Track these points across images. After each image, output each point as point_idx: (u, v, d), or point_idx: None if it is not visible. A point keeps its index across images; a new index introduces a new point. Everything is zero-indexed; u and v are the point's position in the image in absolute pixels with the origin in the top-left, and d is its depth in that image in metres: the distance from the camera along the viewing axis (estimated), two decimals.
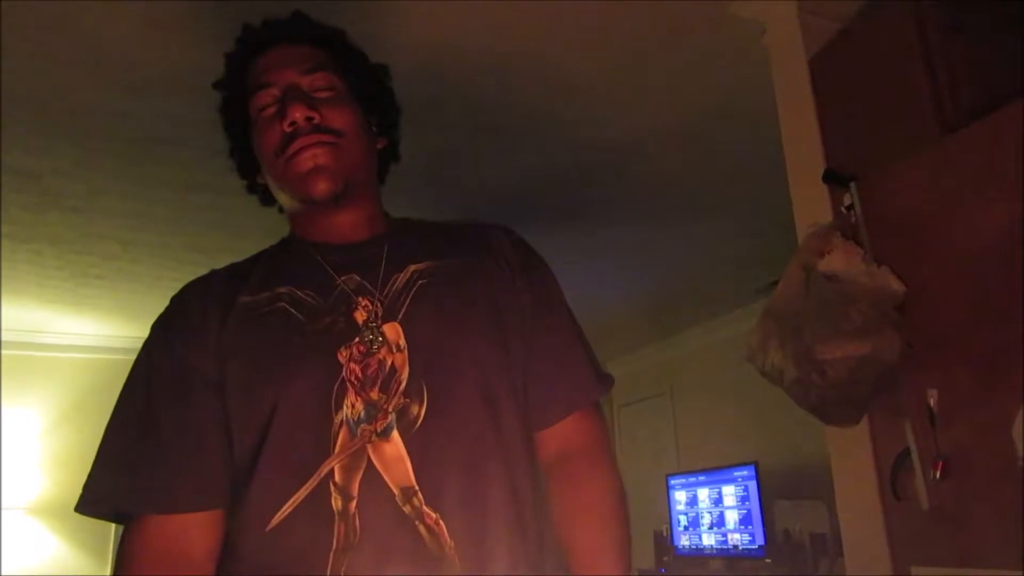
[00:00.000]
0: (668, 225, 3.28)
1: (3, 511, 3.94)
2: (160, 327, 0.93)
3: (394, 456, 0.81)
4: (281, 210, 1.04)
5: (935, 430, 1.35)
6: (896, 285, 1.41)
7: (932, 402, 1.37)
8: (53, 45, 1.87)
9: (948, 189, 1.37)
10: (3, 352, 4.27)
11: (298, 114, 0.90)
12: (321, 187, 0.91)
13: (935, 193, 1.39)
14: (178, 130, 2.27)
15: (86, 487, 0.86)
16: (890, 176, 1.48)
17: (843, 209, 1.55)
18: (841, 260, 1.45)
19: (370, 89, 1.02)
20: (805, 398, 1.48)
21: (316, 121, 0.91)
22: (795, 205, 1.76)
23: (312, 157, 0.90)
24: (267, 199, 1.04)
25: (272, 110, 0.93)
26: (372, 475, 0.80)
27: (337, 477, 0.80)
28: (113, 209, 2.85)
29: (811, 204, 1.68)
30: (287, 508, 0.80)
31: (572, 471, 0.96)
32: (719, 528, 3.98)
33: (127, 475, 0.84)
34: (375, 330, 0.86)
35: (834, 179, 1.58)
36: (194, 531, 0.83)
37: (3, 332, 4.21)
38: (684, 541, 4.24)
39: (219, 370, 0.86)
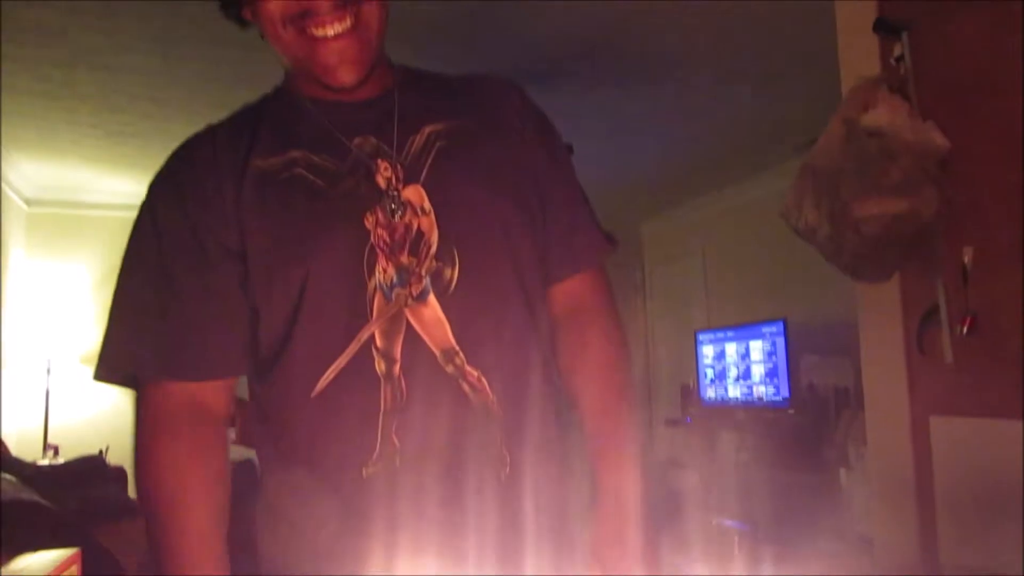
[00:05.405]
0: (706, 83, 3.16)
1: (58, 361, 4.20)
2: (165, 185, 0.88)
3: (432, 319, 0.83)
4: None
5: (966, 287, 1.36)
6: (940, 140, 1.37)
7: (967, 259, 1.36)
8: None
9: (1007, 46, 1.30)
10: (50, 210, 4.42)
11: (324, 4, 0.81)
12: (348, 78, 0.85)
13: (993, 49, 1.32)
14: None
15: (103, 355, 0.84)
16: (947, 28, 1.40)
17: (892, 61, 1.49)
18: (885, 114, 1.40)
19: None
20: (838, 255, 1.49)
21: None
22: (842, 58, 1.69)
23: (339, 51, 0.83)
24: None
25: None
26: (413, 338, 0.82)
27: (378, 342, 0.82)
28: (140, 66, 2.82)
29: (859, 57, 1.61)
30: (330, 373, 0.81)
31: (578, 323, 0.98)
32: (745, 380, 4.10)
33: (147, 342, 0.84)
34: (396, 198, 0.84)
35: (885, 28, 1.51)
36: (213, 394, 0.85)
37: (48, 191, 4.34)
38: (710, 393, 4.39)
39: (239, 239, 0.83)
